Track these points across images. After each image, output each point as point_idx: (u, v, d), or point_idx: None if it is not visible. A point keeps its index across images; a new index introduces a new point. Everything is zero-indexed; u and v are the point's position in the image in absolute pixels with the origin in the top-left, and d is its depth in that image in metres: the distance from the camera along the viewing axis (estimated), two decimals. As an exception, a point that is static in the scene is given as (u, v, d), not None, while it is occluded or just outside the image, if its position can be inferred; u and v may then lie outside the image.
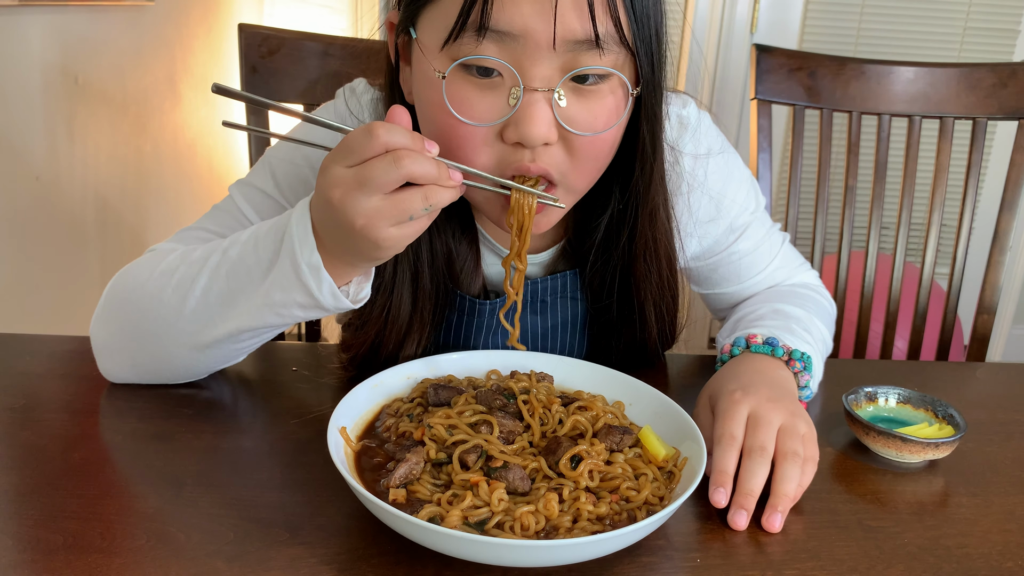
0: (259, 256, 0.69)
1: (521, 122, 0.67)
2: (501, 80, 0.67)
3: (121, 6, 1.66)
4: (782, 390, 0.77)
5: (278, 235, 0.68)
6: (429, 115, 0.72)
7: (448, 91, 0.68)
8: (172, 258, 0.76)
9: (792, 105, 1.33)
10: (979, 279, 1.39)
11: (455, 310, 0.88)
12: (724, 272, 0.97)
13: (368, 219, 0.61)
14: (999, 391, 0.96)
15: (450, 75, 0.67)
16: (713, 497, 0.67)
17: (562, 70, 0.67)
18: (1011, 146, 1.33)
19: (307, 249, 0.66)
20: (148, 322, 0.75)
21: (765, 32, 2.64)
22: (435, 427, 0.67)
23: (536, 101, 0.67)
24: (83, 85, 1.53)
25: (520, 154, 0.69)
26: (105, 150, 1.63)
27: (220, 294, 0.72)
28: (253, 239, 0.70)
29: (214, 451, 0.71)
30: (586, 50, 0.66)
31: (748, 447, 0.69)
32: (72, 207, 1.52)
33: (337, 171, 0.61)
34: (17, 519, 0.61)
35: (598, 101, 0.69)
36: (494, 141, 0.69)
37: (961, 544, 0.66)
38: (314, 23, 2.56)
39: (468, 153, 0.70)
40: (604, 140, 0.71)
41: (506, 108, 0.67)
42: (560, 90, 0.67)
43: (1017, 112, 1.32)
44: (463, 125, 0.68)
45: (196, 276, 0.73)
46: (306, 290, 0.67)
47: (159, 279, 0.75)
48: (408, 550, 0.60)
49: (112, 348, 0.79)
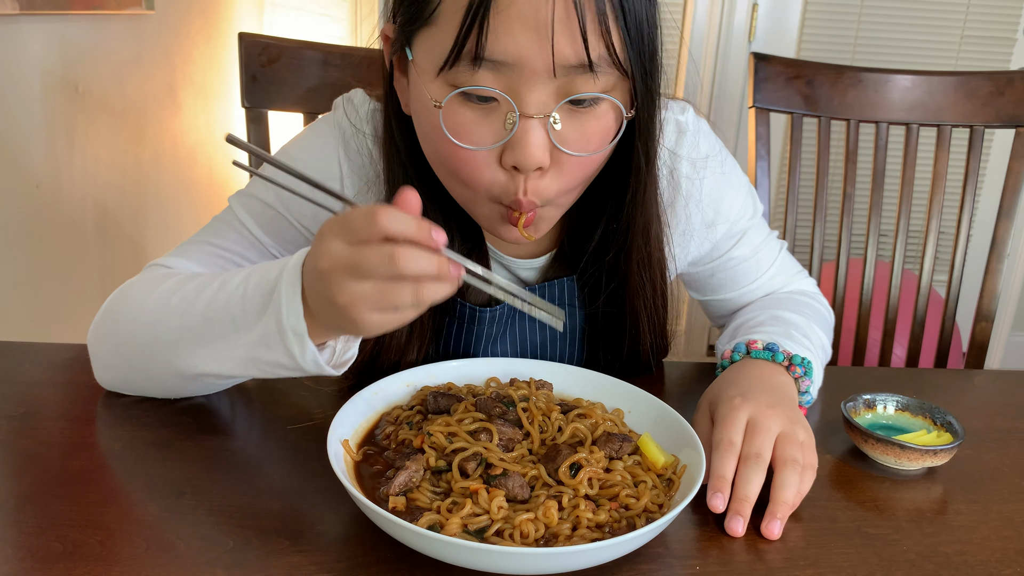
0: (245, 308, 0.68)
1: (517, 147, 0.68)
2: (497, 105, 0.68)
3: (121, 15, 1.66)
4: (782, 396, 0.77)
5: (267, 291, 0.66)
6: (428, 136, 0.72)
7: (445, 117, 0.68)
8: (168, 286, 0.75)
9: (790, 113, 1.34)
10: (977, 286, 1.39)
11: (456, 318, 0.88)
12: (721, 278, 0.97)
13: (352, 300, 0.57)
14: (997, 398, 0.96)
15: (447, 101, 0.68)
16: (711, 502, 0.67)
17: (557, 95, 0.67)
18: (1008, 154, 1.34)
19: (293, 315, 0.64)
20: (138, 346, 0.75)
21: (763, 40, 2.65)
22: (435, 435, 0.67)
23: (532, 127, 0.67)
24: (83, 93, 1.54)
25: (515, 182, 0.70)
26: (105, 158, 1.64)
27: (205, 338, 0.71)
28: (242, 290, 0.68)
29: (213, 459, 0.72)
30: (580, 74, 0.66)
31: (745, 454, 0.70)
32: (72, 215, 1.52)
33: (332, 244, 0.58)
34: (16, 527, 0.61)
35: (592, 122, 0.70)
36: (494, 163, 0.70)
37: (960, 551, 0.66)
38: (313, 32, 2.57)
39: (470, 174, 0.71)
40: (592, 161, 0.72)
41: (503, 132, 0.68)
42: (556, 114, 0.68)
43: (1014, 120, 1.33)
44: (463, 149, 0.69)
45: (185, 313, 0.72)
46: (289, 355, 0.65)
47: (153, 307, 0.74)
48: (408, 558, 0.60)
49: (106, 361, 0.80)
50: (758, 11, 2.62)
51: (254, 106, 1.20)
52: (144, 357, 0.76)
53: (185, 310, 0.72)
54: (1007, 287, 2.85)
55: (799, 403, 0.81)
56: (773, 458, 0.70)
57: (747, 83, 1.35)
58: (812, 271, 1.33)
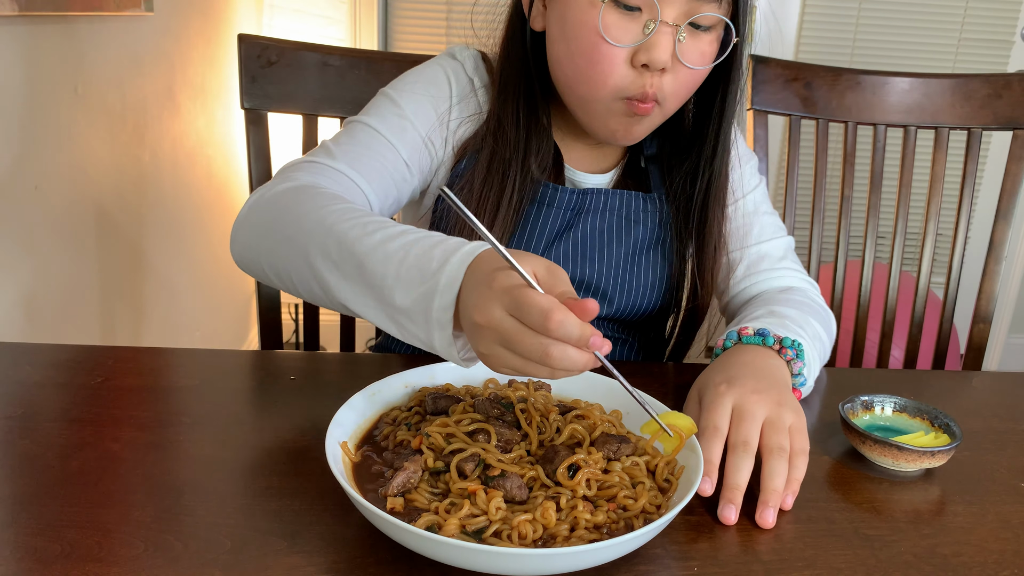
0: (400, 277, 0.67)
1: (652, 48, 0.83)
2: (639, 14, 0.83)
3: (120, 16, 1.66)
4: (770, 380, 0.77)
5: (426, 273, 0.66)
6: (576, 34, 0.86)
7: (602, 15, 0.84)
8: (337, 208, 0.76)
9: (788, 115, 1.34)
10: (975, 288, 1.40)
11: (535, 202, 0.98)
12: (730, 230, 1.03)
13: (491, 357, 0.61)
14: (995, 400, 0.96)
15: (604, 4, 0.83)
16: (699, 487, 0.67)
17: (687, 14, 0.83)
18: (1006, 156, 1.34)
19: (443, 311, 0.64)
20: (294, 248, 0.76)
21: (761, 43, 2.65)
22: (433, 436, 0.67)
23: (666, 33, 0.83)
24: (82, 95, 1.54)
25: (643, 78, 0.85)
26: (104, 159, 1.64)
27: (356, 279, 0.71)
28: (401, 256, 0.68)
29: (212, 460, 0.72)
30: (709, 0, 0.83)
31: (732, 442, 0.71)
32: (71, 216, 1.52)
33: (495, 308, 0.59)
34: (15, 528, 0.61)
35: (708, 43, 0.87)
36: (624, 63, 0.85)
37: (957, 552, 0.66)
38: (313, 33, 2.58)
39: (605, 68, 0.85)
40: (700, 75, 0.89)
41: (640, 36, 0.84)
42: (682, 29, 0.83)
43: (1012, 122, 1.33)
44: (605, 44, 0.84)
45: (342, 247, 0.72)
46: (428, 336, 0.66)
47: (314, 219, 0.76)
48: (406, 559, 0.60)
49: (250, 242, 0.82)
50: (756, 14, 2.63)
51: (253, 108, 1.20)
52: (294, 260, 0.76)
53: (344, 245, 0.72)
54: (1005, 289, 2.85)
55: (793, 385, 0.82)
56: (760, 446, 0.71)
57: (745, 85, 1.35)
58: (810, 272, 1.33)
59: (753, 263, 1.04)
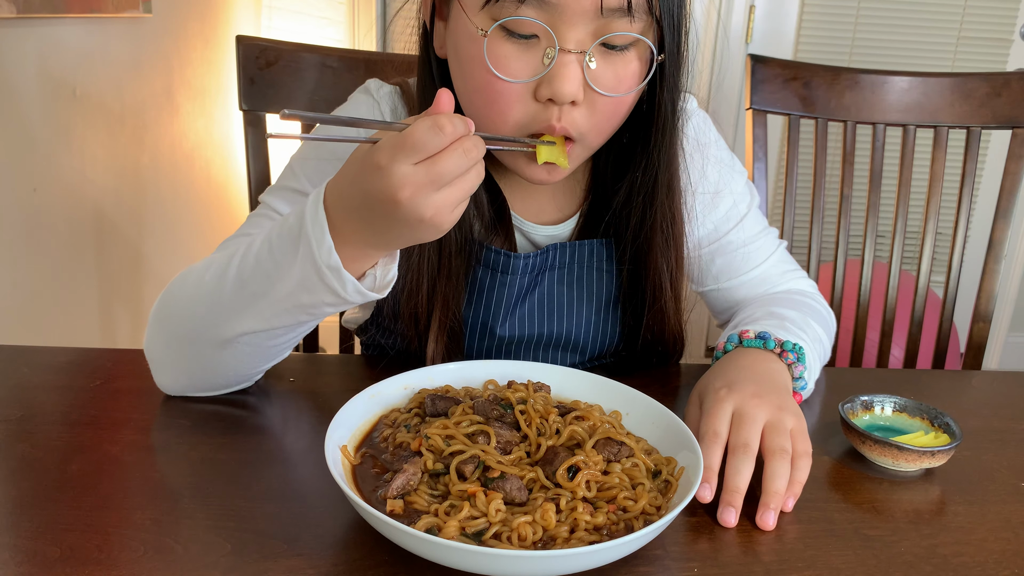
0: (276, 260, 0.69)
1: (554, 80, 0.72)
2: (537, 41, 0.72)
3: (119, 18, 1.66)
4: (771, 384, 0.77)
5: (293, 237, 0.68)
6: (467, 70, 0.76)
7: (488, 49, 0.73)
8: (198, 267, 0.77)
9: (787, 115, 1.34)
10: (975, 287, 1.40)
11: (486, 266, 0.89)
12: (721, 264, 0.98)
13: (438, 210, 0.62)
14: (995, 399, 0.96)
15: (490, 34, 0.72)
16: (698, 493, 0.67)
17: (594, 35, 0.72)
18: (1005, 155, 1.34)
19: (324, 251, 0.66)
20: (186, 334, 0.76)
21: (760, 42, 2.65)
22: (432, 438, 0.67)
23: (569, 62, 0.72)
24: (81, 97, 1.53)
25: (549, 112, 0.74)
26: (103, 161, 1.64)
27: (246, 301, 0.72)
28: (267, 245, 0.70)
29: (211, 462, 0.71)
30: (618, 17, 0.71)
31: (732, 445, 0.70)
32: (70, 218, 1.52)
33: (404, 169, 0.60)
34: (14, 531, 0.61)
35: (624, 66, 0.75)
36: (527, 98, 0.74)
37: (957, 552, 0.66)
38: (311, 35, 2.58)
39: (503, 107, 0.75)
40: (623, 102, 0.77)
41: (540, 67, 0.73)
42: (590, 54, 0.72)
43: (1011, 121, 1.33)
44: (500, 81, 0.73)
45: (220, 285, 0.73)
46: (331, 291, 0.68)
47: (190, 293, 0.76)
48: (405, 561, 0.60)
49: (161, 362, 0.80)
50: (755, 13, 2.63)
51: (252, 109, 1.20)
52: (194, 344, 0.76)
53: (219, 283, 0.73)
54: (1004, 288, 2.85)
55: (793, 389, 0.82)
56: (762, 448, 0.71)
57: (744, 85, 1.35)
58: (810, 272, 1.33)
59: (754, 285, 1.00)
